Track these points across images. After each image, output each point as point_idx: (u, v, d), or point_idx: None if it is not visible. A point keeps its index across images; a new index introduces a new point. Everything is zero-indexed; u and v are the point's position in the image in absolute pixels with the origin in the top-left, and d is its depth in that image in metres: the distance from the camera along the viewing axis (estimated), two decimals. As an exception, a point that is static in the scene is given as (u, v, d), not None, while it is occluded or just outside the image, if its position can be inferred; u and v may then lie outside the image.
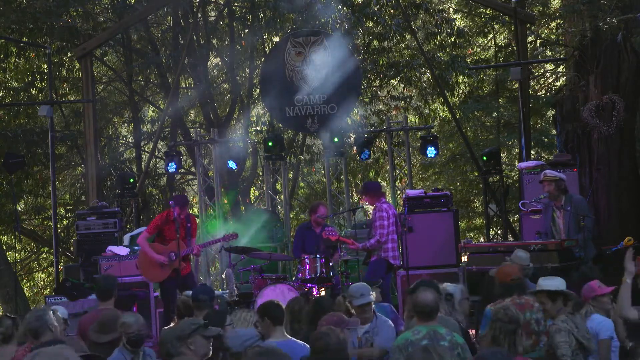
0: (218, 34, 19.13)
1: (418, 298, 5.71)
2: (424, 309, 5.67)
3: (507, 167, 18.52)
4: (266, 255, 11.22)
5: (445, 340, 5.51)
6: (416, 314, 5.76)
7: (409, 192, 11.80)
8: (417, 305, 5.72)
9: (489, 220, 15.24)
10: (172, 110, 17.33)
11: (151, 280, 10.52)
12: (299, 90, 14.66)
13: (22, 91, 18.48)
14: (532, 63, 16.36)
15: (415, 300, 5.74)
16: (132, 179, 14.79)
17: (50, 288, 18.79)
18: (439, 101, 18.42)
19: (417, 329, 5.62)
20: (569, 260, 9.09)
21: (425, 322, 5.65)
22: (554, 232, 9.65)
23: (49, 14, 16.29)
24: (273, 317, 6.15)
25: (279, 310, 6.22)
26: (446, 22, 17.72)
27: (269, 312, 6.20)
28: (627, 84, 12.87)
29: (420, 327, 5.63)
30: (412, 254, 10.50)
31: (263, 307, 6.30)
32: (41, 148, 17.34)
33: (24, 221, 19.28)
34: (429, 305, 5.66)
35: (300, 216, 21.25)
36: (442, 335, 5.55)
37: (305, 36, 14.87)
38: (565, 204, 9.53)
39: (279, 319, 6.17)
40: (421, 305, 5.68)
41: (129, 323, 6.08)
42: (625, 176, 12.82)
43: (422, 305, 5.68)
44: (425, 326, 5.62)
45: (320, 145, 18.07)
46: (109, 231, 12.60)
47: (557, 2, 17.83)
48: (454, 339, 5.55)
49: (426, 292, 5.76)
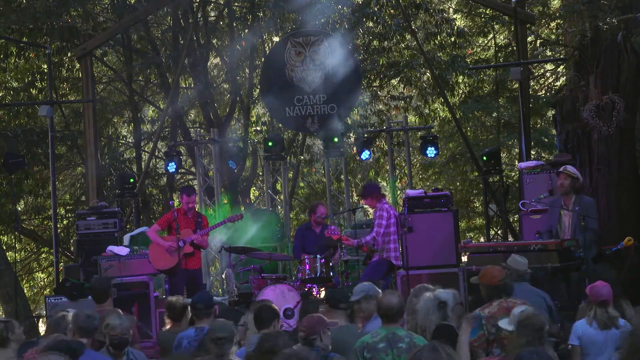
0: (218, 34, 19.12)
1: (383, 301, 5.84)
2: (387, 312, 5.77)
3: (507, 167, 18.51)
4: (266, 255, 11.22)
5: (404, 342, 5.56)
6: (380, 316, 5.86)
7: (409, 192, 11.79)
8: (381, 307, 5.83)
9: (489, 220, 15.24)
10: (172, 110, 17.33)
11: (163, 268, 10.68)
12: (299, 90, 14.67)
13: (22, 91, 18.48)
14: (532, 63, 16.35)
15: (380, 302, 5.87)
16: (132, 179, 14.80)
17: (50, 288, 18.78)
18: (439, 101, 18.42)
19: (376, 332, 5.73)
20: (569, 260, 9.08)
21: (387, 325, 5.74)
22: (559, 231, 9.62)
23: (49, 14, 16.29)
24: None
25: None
26: (446, 22, 17.72)
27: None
28: (627, 84, 12.86)
29: (380, 330, 5.72)
30: (412, 254, 10.50)
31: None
32: (41, 148, 17.34)
33: (24, 221, 19.27)
34: (393, 308, 5.76)
35: (300, 216, 21.25)
36: (400, 337, 5.61)
37: (305, 36, 14.88)
38: (575, 204, 9.51)
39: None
40: (385, 307, 5.78)
41: (113, 325, 6.02)
42: (625, 176, 12.80)
43: (386, 308, 5.78)
44: (385, 328, 5.71)
45: (320, 145, 18.06)
46: (109, 231, 12.59)
47: (557, 2, 17.83)
48: (412, 341, 5.58)
49: (392, 294, 5.91)
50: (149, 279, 10.83)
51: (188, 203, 10.64)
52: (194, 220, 10.68)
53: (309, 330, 5.76)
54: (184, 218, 10.59)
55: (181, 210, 10.61)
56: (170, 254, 10.43)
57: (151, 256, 10.72)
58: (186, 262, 10.54)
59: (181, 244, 10.35)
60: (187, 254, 10.53)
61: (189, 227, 10.54)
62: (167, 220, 10.66)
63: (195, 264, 10.78)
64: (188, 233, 10.46)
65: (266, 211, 14.78)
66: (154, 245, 10.69)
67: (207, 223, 10.89)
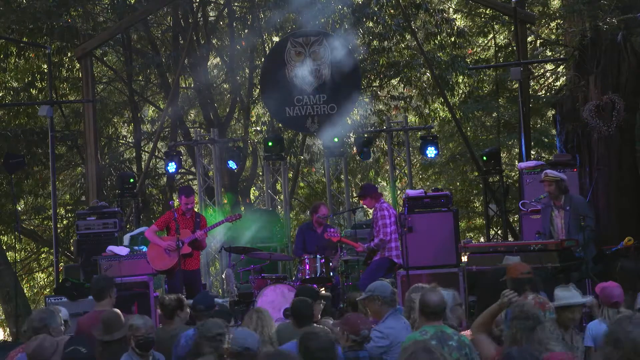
0: (218, 34, 19.13)
1: (425, 298, 5.73)
2: (433, 309, 5.67)
3: (507, 167, 18.51)
4: (266, 255, 11.22)
5: (453, 340, 5.51)
6: (424, 314, 5.75)
7: (409, 192, 11.78)
8: (424, 305, 5.72)
9: (489, 220, 15.24)
10: (172, 110, 17.33)
11: (161, 268, 10.56)
12: (299, 90, 14.66)
13: (22, 91, 18.48)
14: (532, 63, 16.35)
15: (423, 300, 5.75)
16: (132, 179, 14.79)
17: (50, 288, 18.78)
18: (439, 101, 18.42)
19: (424, 329, 5.61)
20: (569, 260, 9.08)
21: (432, 322, 5.64)
22: (552, 232, 9.66)
23: (49, 14, 16.30)
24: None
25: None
26: (446, 22, 17.74)
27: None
28: (627, 84, 12.85)
29: (428, 327, 5.62)
30: (412, 254, 10.49)
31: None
32: (41, 148, 17.34)
33: (24, 221, 19.27)
34: (438, 305, 5.67)
35: (300, 216, 21.25)
36: (449, 335, 5.55)
37: (305, 36, 14.88)
38: (565, 204, 9.55)
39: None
40: (429, 305, 5.68)
41: (137, 326, 6.01)
42: (625, 176, 12.80)
43: (430, 306, 5.68)
44: (432, 326, 5.61)
45: (320, 145, 18.07)
46: (109, 231, 12.59)
47: (557, 2, 17.84)
48: (461, 339, 5.55)
49: (433, 292, 5.78)
50: (149, 279, 10.80)
51: (187, 204, 10.50)
52: (193, 220, 10.56)
53: (352, 329, 5.75)
54: (183, 219, 10.45)
55: (179, 211, 10.48)
56: (168, 255, 10.34)
57: (149, 257, 10.60)
58: (185, 262, 10.46)
59: (180, 244, 10.24)
60: (185, 255, 10.47)
61: (188, 228, 10.48)
62: (165, 221, 10.54)
63: (194, 264, 10.64)
64: (187, 234, 10.36)
65: (266, 211, 14.78)
66: (152, 245, 10.59)
67: (205, 223, 10.82)
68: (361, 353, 5.78)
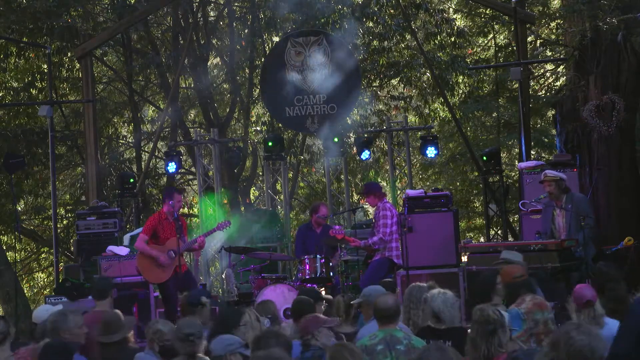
0: (218, 34, 19.13)
1: (378, 302, 5.70)
2: (384, 313, 5.65)
3: (507, 167, 18.51)
4: (266, 255, 11.22)
5: (402, 344, 5.46)
6: (376, 318, 5.74)
7: (409, 192, 11.79)
8: (377, 309, 5.70)
9: (489, 220, 15.23)
10: (172, 110, 17.32)
11: (154, 281, 10.17)
12: (299, 90, 14.66)
13: (22, 91, 18.48)
14: (532, 63, 16.34)
15: (377, 304, 5.72)
16: (132, 179, 14.79)
17: (50, 288, 18.77)
18: (439, 101, 18.42)
19: (374, 334, 5.59)
20: (569, 260, 9.08)
21: (385, 326, 5.62)
22: (553, 231, 9.66)
23: (49, 14, 16.29)
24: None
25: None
26: (446, 22, 17.74)
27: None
28: (627, 84, 12.86)
29: (378, 332, 5.59)
30: (412, 254, 10.49)
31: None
32: (41, 148, 17.34)
33: (24, 221, 19.28)
34: (390, 309, 5.64)
35: (300, 216, 21.25)
36: (398, 339, 5.50)
37: (305, 36, 14.87)
38: (566, 203, 9.54)
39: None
40: (381, 309, 5.66)
41: (162, 331, 5.96)
42: (625, 176, 12.80)
43: (382, 309, 5.66)
44: (383, 330, 5.59)
45: (320, 145, 18.06)
46: (109, 231, 12.59)
47: (557, 2, 17.83)
48: (410, 343, 5.49)
49: (386, 296, 5.80)
50: (149, 279, 10.77)
51: (180, 202, 10.15)
52: (175, 223, 9.92)
53: (302, 331, 5.71)
54: (166, 223, 9.93)
55: (162, 215, 9.97)
56: (162, 269, 9.85)
57: (140, 267, 10.02)
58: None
59: (172, 255, 9.77)
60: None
61: (172, 234, 9.90)
62: (152, 227, 9.98)
63: (183, 266, 10.09)
64: (173, 243, 9.81)
65: (266, 211, 14.78)
66: (142, 256, 9.95)
67: (186, 225, 10.43)
68: (306, 354, 5.67)
